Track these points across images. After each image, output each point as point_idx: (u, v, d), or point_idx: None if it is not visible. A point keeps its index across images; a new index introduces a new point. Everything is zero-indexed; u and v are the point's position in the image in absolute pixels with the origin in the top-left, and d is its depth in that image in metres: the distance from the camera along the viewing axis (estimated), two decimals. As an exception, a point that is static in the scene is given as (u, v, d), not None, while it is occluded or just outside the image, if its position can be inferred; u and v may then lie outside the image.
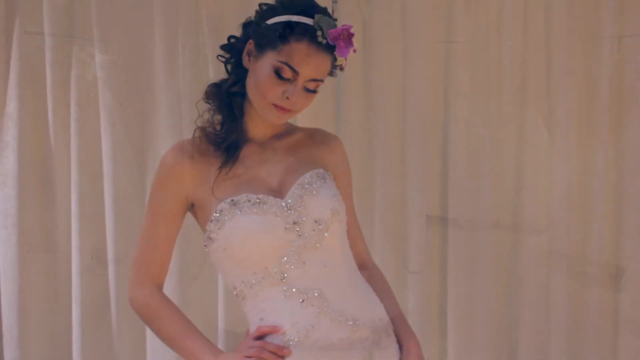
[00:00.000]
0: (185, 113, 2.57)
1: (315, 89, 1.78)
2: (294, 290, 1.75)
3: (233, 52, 1.86)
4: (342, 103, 2.71)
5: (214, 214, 1.77)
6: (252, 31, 1.80)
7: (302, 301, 1.75)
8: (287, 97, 1.75)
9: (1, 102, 2.63)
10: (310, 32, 1.73)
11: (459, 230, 2.70)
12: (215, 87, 1.86)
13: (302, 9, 1.75)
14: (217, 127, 1.85)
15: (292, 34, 1.73)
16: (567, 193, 2.70)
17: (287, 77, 1.74)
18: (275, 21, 1.75)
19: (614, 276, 2.73)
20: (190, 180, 1.83)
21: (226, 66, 1.88)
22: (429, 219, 2.72)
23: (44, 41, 2.62)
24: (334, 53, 1.76)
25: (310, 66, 1.75)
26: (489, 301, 2.71)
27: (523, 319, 2.71)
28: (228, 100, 1.84)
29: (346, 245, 1.88)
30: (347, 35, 1.75)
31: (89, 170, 2.65)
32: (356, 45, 1.78)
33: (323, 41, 1.73)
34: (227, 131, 1.83)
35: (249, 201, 1.77)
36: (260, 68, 1.77)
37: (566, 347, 2.71)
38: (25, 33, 2.61)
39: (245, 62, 1.82)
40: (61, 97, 2.66)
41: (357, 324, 1.78)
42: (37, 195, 2.67)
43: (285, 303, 1.76)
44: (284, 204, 1.78)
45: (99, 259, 2.68)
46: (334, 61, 1.79)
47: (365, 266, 1.97)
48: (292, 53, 1.73)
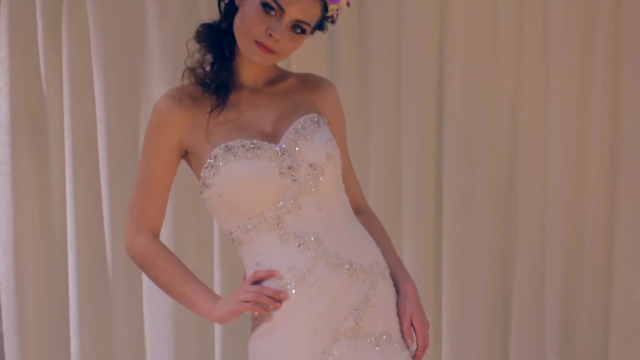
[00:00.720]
0: (178, 58, 2.55)
1: (300, 31, 1.76)
2: (290, 234, 1.76)
3: None
4: (338, 59, 2.69)
5: (208, 160, 1.76)
6: None
7: (298, 245, 1.75)
8: (270, 35, 1.74)
9: (-8, 49, 2.61)
10: None
11: (454, 180, 2.71)
12: (206, 27, 1.84)
13: None
14: (207, 67, 1.83)
15: None
16: (563, 148, 2.71)
17: (272, 12, 1.72)
18: None
19: (608, 227, 2.75)
20: (183, 127, 1.81)
21: (219, 6, 1.86)
22: (424, 170, 2.73)
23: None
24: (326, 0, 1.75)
25: (298, 5, 1.73)
26: (484, 247, 2.72)
27: (518, 264, 2.72)
28: (219, 39, 1.82)
29: (341, 190, 1.88)
30: None
31: (81, 117, 2.64)
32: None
33: None
34: (217, 71, 1.81)
35: (243, 146, 1.76)
36: (250, 4, 1.75)
37: (560, 292, 2.74)
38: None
39: (237, 1, 1.80)
40: (52, 44, 2.63)
41: (353, 267, 1.78)
42: (31, 141, 2.66)
43: (281, 248, 1.76)
44: (278, 148, 1.77)
45: (94, 205, 2.68)
46: (324, 10, 1.78)
47: (360, 210, 1.97)
48: None
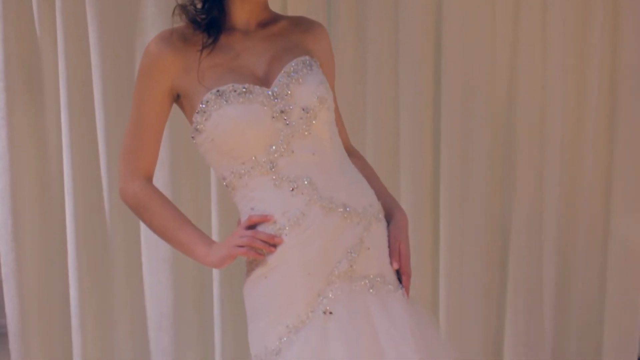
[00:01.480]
0: (173, 3, 2.52)
1: None
2: (283, 179, 1.76)
3: None
4: (335, 10, 2.67)
5: (200, 105, 1.75)
6: None
7: (291, 190, 1.76)
8: None
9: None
10: None
11: (451, 131, 2.70)
12: None
13: None
14: (199, 5, 1.82)
15: None
16: (560, 97, 2.70)
17: None
18: None
19: (606, 176, 2.75)
20: (174, 69, 1.81)
21: None
22: (422, 122, 2.72)
23: None
24: None
25: None
26: (482, 195, 2.73)
27: (515, 213, 2.73)
28: None
29: (335, 133, 1.87)
30: None
31: (76, 62, 2.62)
32: None
33: None
34: (209, 9, 1.80)
35: (234, 91, 1.75)
36: None
37: (557, 241, 2.75)
38: None
39: None
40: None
41: (347, 210, 1.78)
42: (25, 88, 2.64)
43: (275, 192, 1.76)
44: (270, 92, 1.76)
45: (90, 152, 2.68)
46: None
47: (349, 153, 1.97)
48: None
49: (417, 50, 2.67)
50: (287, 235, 1.76)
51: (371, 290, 1.80)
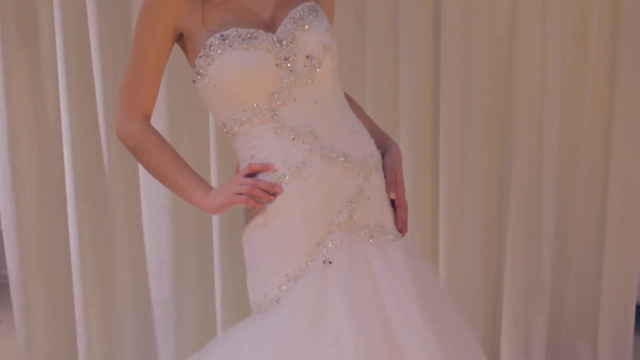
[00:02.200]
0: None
1: None
2: (284, 127, 1.74)
3: None
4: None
5: (203, 50, 1.73)
6: None
7: (292, 138, 1.75)
8: None
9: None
10: None
11: (451, 77, 2.68)
12: None
13: None
14: None
15: None
16: (561, 43, 2.68)
17: None
18: None
19: (606, 117, 2.74)
20: (179, 9, 1.78)
21: None
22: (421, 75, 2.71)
23: None
24: None
25: None
26: (481, 141, 2.73)
27: (516, 154, 2.72)
28: None
29: (337, 82, 1.85)
30: None
31: (72, 8, 2.58)
32: None
33: None
34: None
35: (239, 36, 1.72)
36: None
37: (557, 178, 2.75)
38: None
39: None
40: None
41: (348, 160, 1.78)
42: (21, 37, 2.62)
43: (276, 140, 1.75)
44: (275, 38, 1.74)
45: (88, 100, 2.66)
46: None
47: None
48: None
49: (416, 8, 2.65)
50: (287, 185, 1.75)
51: (371, 240, 1.80)
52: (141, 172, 2.71)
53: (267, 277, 1.79)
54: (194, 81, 1.78)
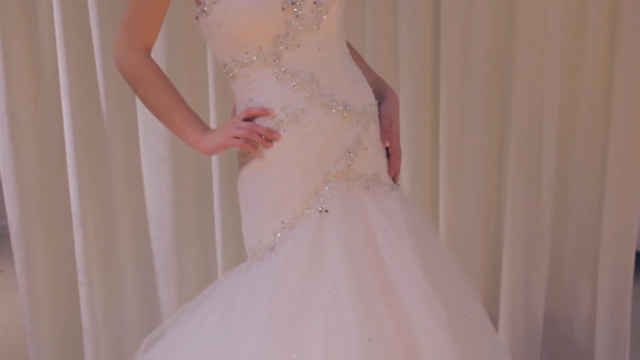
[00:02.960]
0: None
1: None
2: (286, 72, 1.73)
3: None
4: None
5: None
6: None
7: (293, 85, 1.73)
8: None
9: None
10: None
11: (452, 23, 2.66)
12: None
13: None
14: None
15: None
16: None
17: None
18: None
19: (608, 61, 2.72)
20: None
21: None
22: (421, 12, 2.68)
23: None
24: None
25: None
26: (481, 85, 2.71)
27: (516, 99, 2.70)
28: None
29: (342, 30, 1.84)
30: None
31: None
32: None
33: None
34: None
35: None
36: None
37: (557, 124, 2.74)
38: None
39: None
40: None
41: (347, 109, 1.77)
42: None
43: (276, 85, 1.74)
44: None
45: (85, 49, 2.64)
46: None
47: None
48: None
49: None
50: (285, 131, 1.75)
51: (368, 190, 1.80)
52: (140, 122, 2.70)
53: (263, 224, 1.79)
54: (197, 17, 1.76)
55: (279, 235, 1.76)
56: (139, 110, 2.69)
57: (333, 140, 1.77)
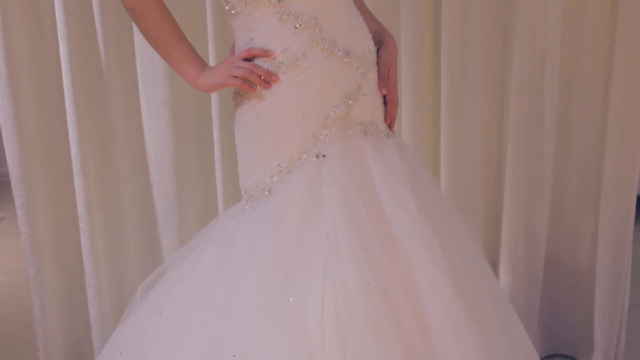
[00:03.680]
0: None
1: None
2: (290, 14, 1.72)
3: None
4: None
5: None
6: None
7: (296, 27, 1.72)
8: None
9: None
10: None
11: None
12: None
13: None
14: None
15: None
16: None
17: None
18: None
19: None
20: None
21: None
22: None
23: None
24: None
25: None
26: (483, 29, 2.68)
27: (517, 42, 2.67)
28: None
29: None
30: None
31: None
32: None
33: None
34: None
35: None
36: None
37: (559, 77, 2.72)
38: None
39: None
40: None
41: (348, 55, 1.77)
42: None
43: (279, 26, 1.73)
44: None
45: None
46: None
47: None
48: None
49: None
50: (284, 74, 1.74)
51: (365, 136, 1.80)
52: (139, 67, 2.67)
53: (259, 166, 1.79)
54: None
55: (275, 178, 1.76)
56: (138, 56, 2.67)
57: (332, 86, 1.76)
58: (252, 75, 1.74)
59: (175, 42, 1.82)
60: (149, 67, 2.65)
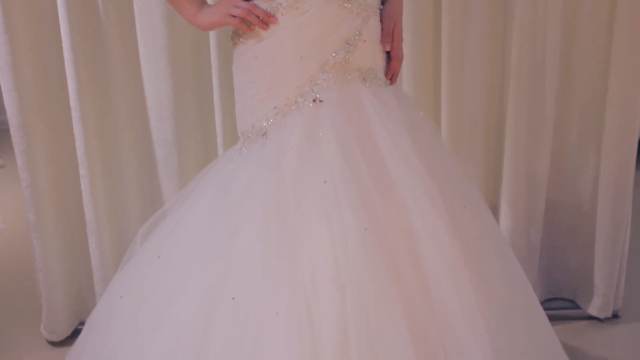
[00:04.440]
0: None
1: None
2: None
3: None
4: None
5: None
6: None
7: (296, -32, 1.71)
8: None
9: None
10: None
11: None
12: None
13: None
14: None
15: None
16: None
17: None
18: None
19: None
20: None
21: None
22: None
23: None
24: None
25: None
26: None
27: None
28: None
29: None
30: None
31: None
32: None
33: None
34: None
35: None
36: None
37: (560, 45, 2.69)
38: None
39: None
40: None
41: (349, 0, 1.74)
42: None
43: (279, -33, 1.71)
44: None
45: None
46: None
47: None
48: None
49: None
50: (283, 15, 1.73)
51: (365, 83, 1.79)
52: (137, 12, 2.65)
53: (256, 108, 1.79)
54: None
55: (271, 121, 1.76)
56: (135, 1, 2.64)
57: (332, 30, 1.75)
58: (250, 15, 1.72)
59: None
60: (146, 12, 2.62)
